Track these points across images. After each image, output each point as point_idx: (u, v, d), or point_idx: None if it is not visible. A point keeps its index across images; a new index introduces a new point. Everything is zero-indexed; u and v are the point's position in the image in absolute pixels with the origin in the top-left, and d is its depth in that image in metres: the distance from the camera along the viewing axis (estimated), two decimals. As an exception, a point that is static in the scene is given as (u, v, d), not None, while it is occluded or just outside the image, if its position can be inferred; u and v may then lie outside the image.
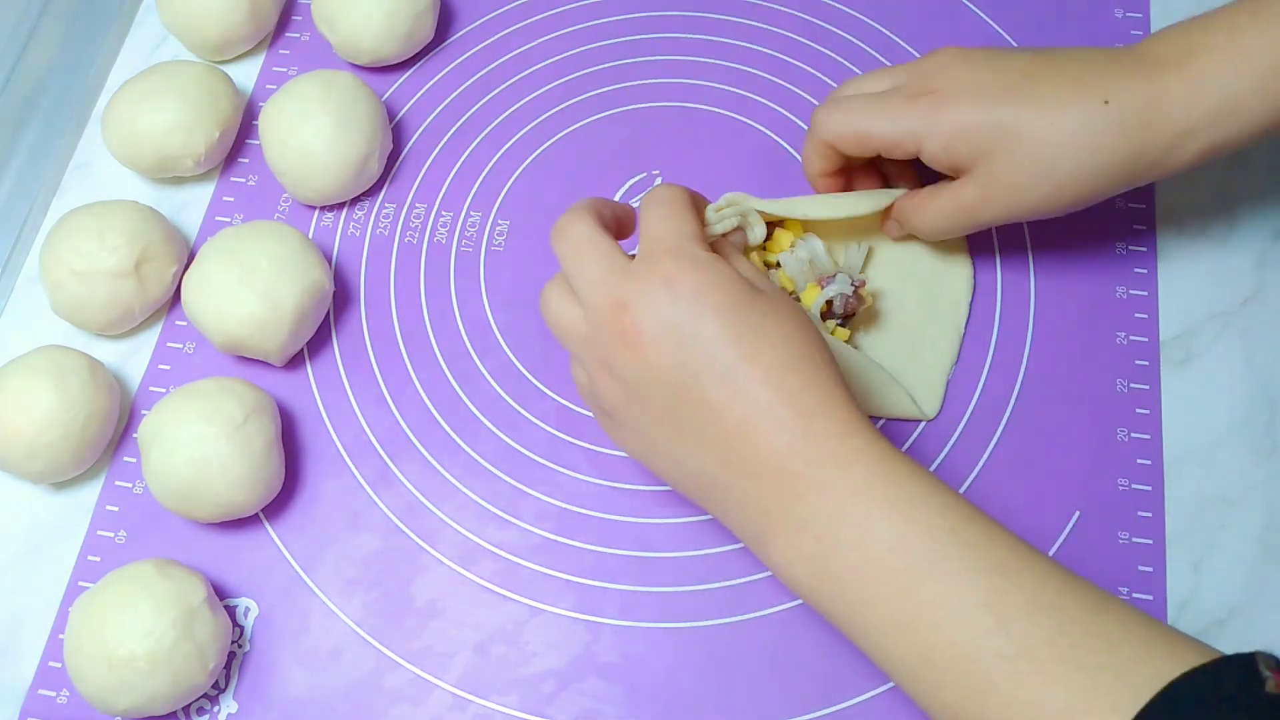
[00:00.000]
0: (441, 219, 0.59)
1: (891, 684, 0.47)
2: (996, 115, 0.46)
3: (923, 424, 0.52)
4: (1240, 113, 0.45)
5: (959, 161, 0.48)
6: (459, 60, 0.63)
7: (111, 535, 0.53)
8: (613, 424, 0.45)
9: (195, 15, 0.61)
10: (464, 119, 0.61)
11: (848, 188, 0.54)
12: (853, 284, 0.51)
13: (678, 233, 0.43)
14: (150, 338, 0.57)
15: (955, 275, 0.54)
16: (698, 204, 0.46)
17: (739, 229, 0.49)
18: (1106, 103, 0.45)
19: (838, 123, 0.50)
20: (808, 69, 0.61)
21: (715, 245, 0.46)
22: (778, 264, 0.52)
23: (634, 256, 0.43)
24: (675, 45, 0.63)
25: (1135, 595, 0.48)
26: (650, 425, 0.43)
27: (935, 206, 0.50)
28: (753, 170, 0.59)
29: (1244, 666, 0.33)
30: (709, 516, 0.51)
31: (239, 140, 0.61)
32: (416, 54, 0.63)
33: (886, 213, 0.53)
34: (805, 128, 0.59)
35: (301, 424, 0.54)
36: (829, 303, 0.50)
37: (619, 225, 0.47)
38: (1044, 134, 0.46)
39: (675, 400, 0.41)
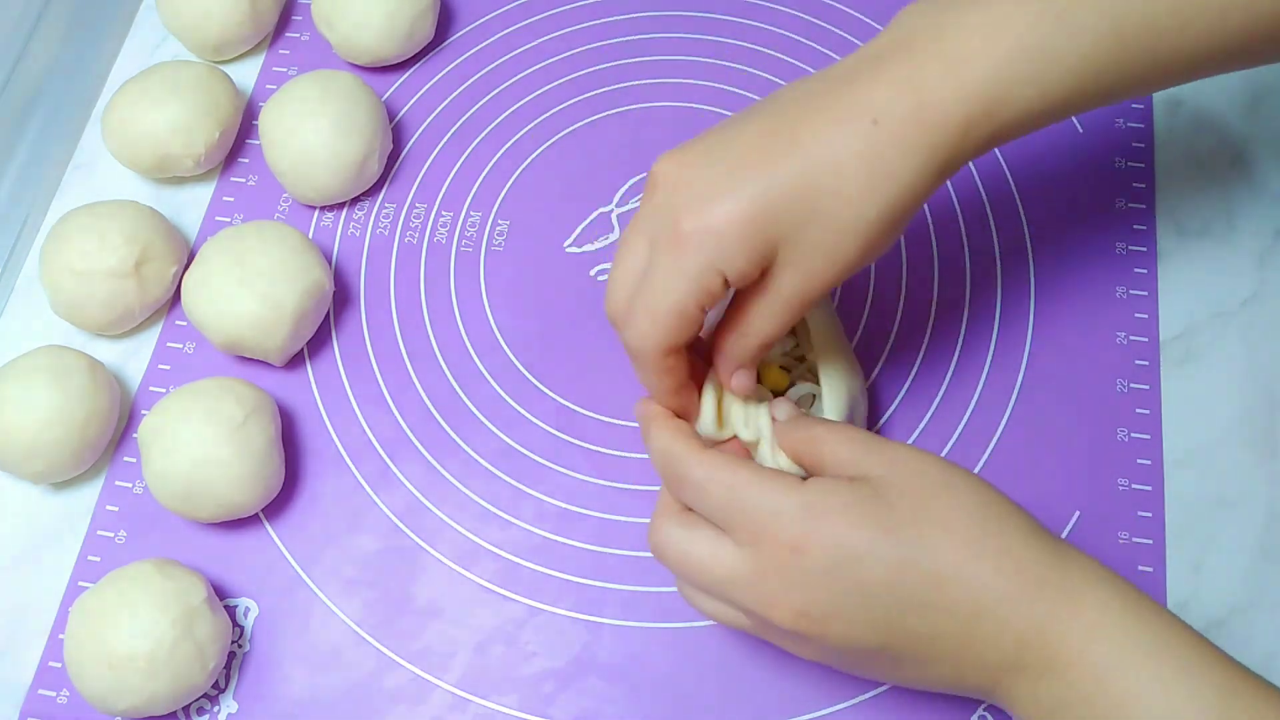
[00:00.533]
0: (441, 219, 0.59)
1: (889, 685, 0.47)
2: (773, 191, 0.39)
3: (923, 424, 0.52)
4: (1013, 102, 0.39)
5: (764, 260, 0.40)
6: (459, 60, 0.63)
7: (111, 535, 0.53)
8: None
9: (195, 15, 0.61)
10: (464, 119, 0.61)
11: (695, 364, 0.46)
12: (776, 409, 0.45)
13: (751, 496, 0.38)
14: (150, 338, 0.57)
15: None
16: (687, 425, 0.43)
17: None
18: (875, 122, 0.38)
19: (649, 334, 0.41)
20: (808, 69, 0.61)
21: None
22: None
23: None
24: (675, 45, 0.63)
25: (1135, 595, 0.48)
26: (865, 667, 0.40)
27: (757, 316, 0.42)
28: (753, 170, 0.59)
29: None
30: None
31: (239, 140, 0.61)
32: (416, 54, 0.63)
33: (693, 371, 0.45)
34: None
35: (301, 424, 0.54)
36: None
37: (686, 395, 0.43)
38: (833, 185, 0.39)
39: (881, 648, 0.38)
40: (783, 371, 0.48)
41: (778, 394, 0.47)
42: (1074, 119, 0.58)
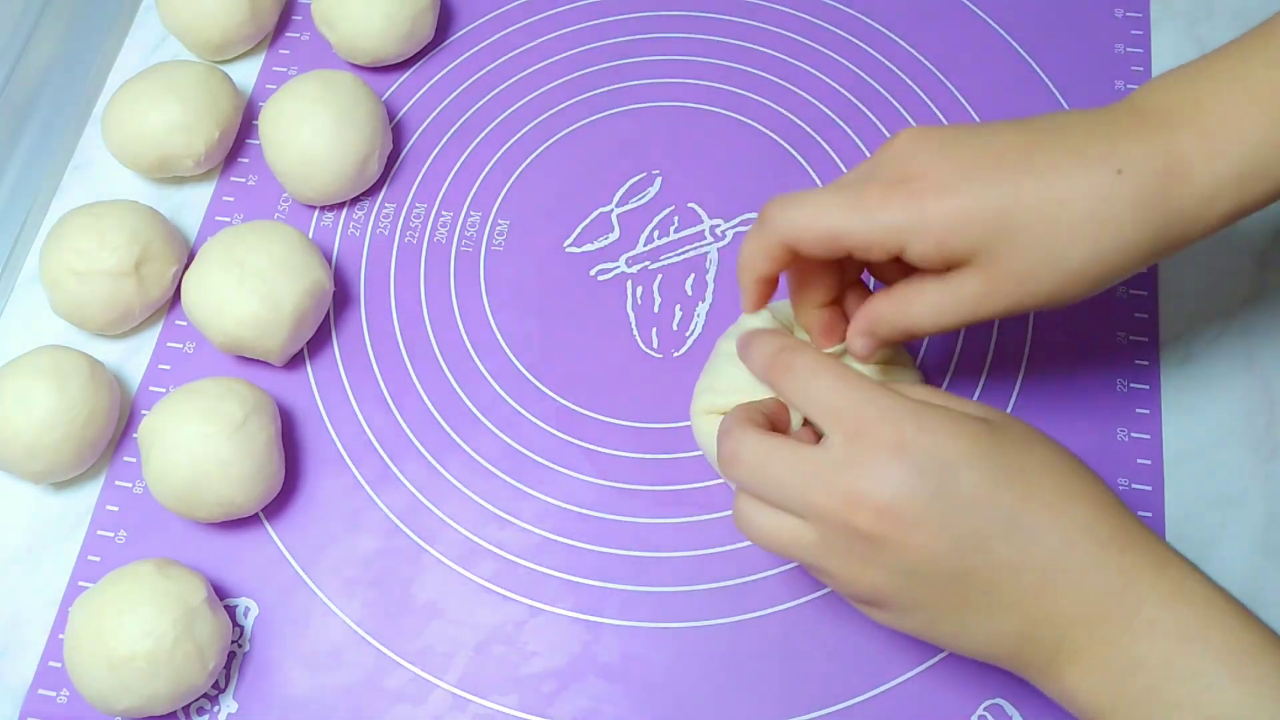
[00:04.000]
0: (441, 219, 0.59)
1: (890, 685, 0.47)
2: (993, 199, 0.39)
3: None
4: (1269, 168, 0.38)
5: (954, 257, 0.40)
6: (459, 60, 0.63)
7: (111, 535, 0.53)
8: (878, 609, 0.40)
9: (195, 15, 0.61)
10: (464, 119, 0.61)
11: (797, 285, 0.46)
12: None
13: (863, 392, 0.38)
14: (150, 338, 0.57)
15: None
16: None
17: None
18: (1120, 172, 0.38)
19: (799, 219, 0.41)
20: (808, 69, 0.61)
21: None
22: None
23: (819, 439, 0.39)
24: (675, 45, 0.63)
25: (1135, 595, 0.48)
26: (930, 603, 0.38)
27: (925, 302, 0.42)
28: (753, 170, 0.59)
29: None
30: (709, 516, 0.51)
31: (239, 140, 0.61)
32: (416, 54, 0.63)
33: (829, 324, 0.46)
34: (805, 128, 0.59)
35: (301, 424, 0.54)
36: None
37: (775, 422, 0.43)
38: (1053, 215, 0.39)
39: (957, 574, 0.37)
40: None
41: None
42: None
